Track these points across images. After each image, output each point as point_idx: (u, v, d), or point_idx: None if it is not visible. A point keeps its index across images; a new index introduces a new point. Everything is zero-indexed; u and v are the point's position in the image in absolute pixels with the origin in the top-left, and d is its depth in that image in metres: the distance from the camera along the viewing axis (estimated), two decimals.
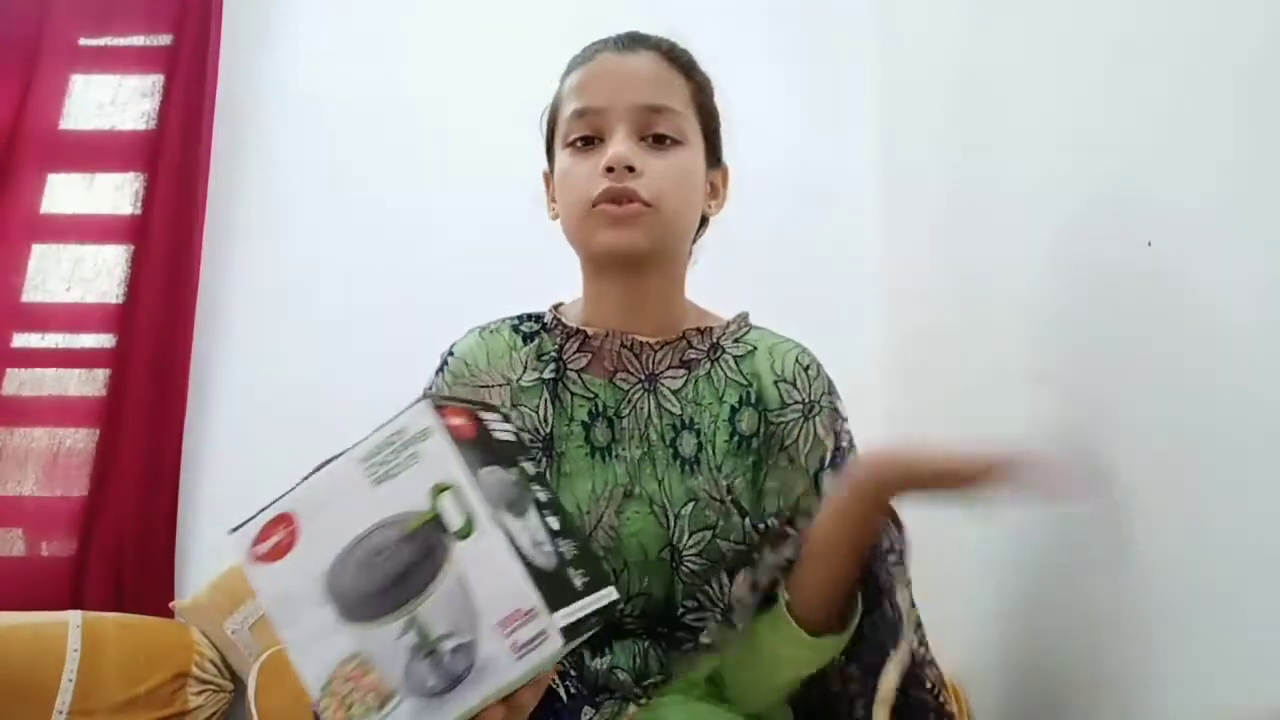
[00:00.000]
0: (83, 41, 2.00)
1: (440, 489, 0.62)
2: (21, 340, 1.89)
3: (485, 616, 0.60)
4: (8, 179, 1.88)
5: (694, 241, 1.02)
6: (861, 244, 1.87)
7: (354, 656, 0.61)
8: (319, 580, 0.62)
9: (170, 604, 1.74)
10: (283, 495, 0.65)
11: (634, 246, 0.91)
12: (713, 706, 0.91)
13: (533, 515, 0.67)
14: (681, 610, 0.91)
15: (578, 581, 0.66)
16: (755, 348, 0.98)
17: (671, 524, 0.91)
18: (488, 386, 0.96)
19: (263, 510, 0.65)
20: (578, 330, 0.97)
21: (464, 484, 0.62)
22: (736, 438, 0.95)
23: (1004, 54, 1.28)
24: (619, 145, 0.90)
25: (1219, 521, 0.76)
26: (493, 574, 0.61)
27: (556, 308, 1.02)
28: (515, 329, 1.00)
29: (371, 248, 1.94)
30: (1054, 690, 1.05)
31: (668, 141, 0.92)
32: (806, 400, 0.96)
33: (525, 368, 0.97)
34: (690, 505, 0.92)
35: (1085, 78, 1.03)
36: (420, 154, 1.98)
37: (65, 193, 1.95)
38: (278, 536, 0.64)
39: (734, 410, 0.95)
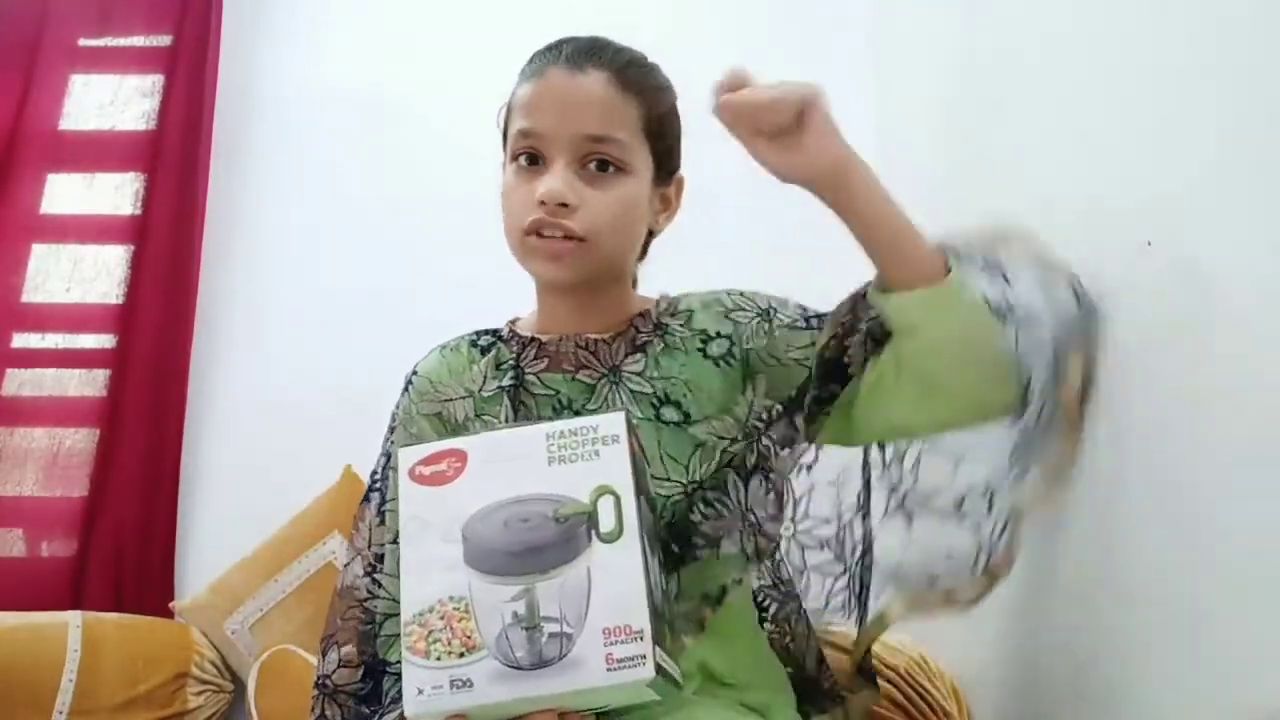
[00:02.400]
0: (83, 41, 2.00)
1: (603, 491, 0.65)
2: (21, 340, 1.89)
3: (595, 619, 0.62)
4: (8, 179, 1.89)
5: (645, 249, 1.04)
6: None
7: (460, 600, 0.63)
8: (460, 520, 0.65)
9: (170, 604, 1.74)
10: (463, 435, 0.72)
11: (563, 280, 0.94)
12: (739, 715, 0.90)
13: (656, 557, 0.70)
14: (699, 518, 0.90)
15: (664, 639, 0.67)
16: (692, 309, 1.00)
17: (666, 469, 0.91)
18: (451, 400, 0.98)
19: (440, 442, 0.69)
20: (532, 339, 1.00)
21: (626, 496, 0.64)
22: (719, 364, 0.96)
23: (1002, 53, 1.28)
24: (555, 179, 0.89)
25: (1219, 522, 0.76)
26: (619, 584, 0.63)
27: (513, 322, 1.05)
28: (473, 344, 1.03)
29: (371, 248, 1.94)
30: (1053, 691, 1.05)
31: (610, 169, 0.92)
32: (755, 309, 0.99)
33: (485, 378, 0.99)
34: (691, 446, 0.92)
35: (1084, 76, 1.03)
36: (420, 154, 1.98)
37: (65, 193, 1.95)
38: (443, 466, 0.67)
39: (701, 353, 0.97)
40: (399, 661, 0.75)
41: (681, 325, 1.00)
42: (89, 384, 1.87)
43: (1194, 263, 0.81)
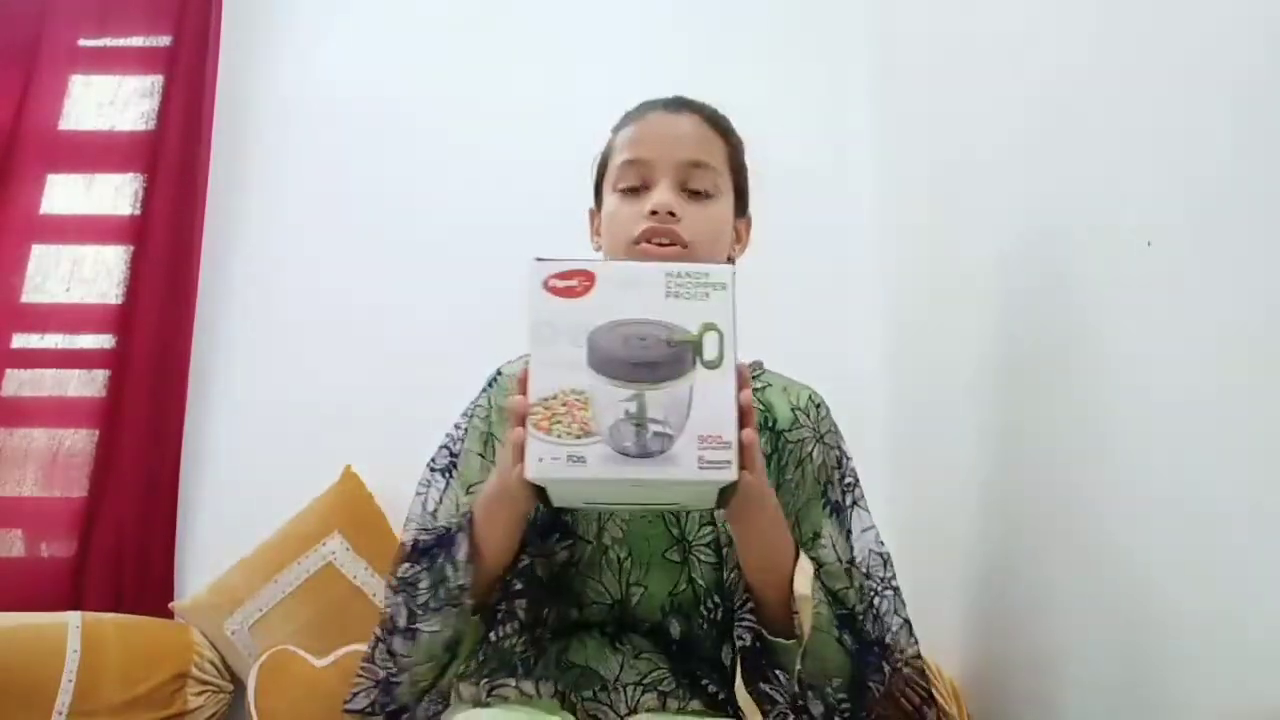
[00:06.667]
0: (82, 42, 2.00)
1: (710, 327, 0.76)
2: (21, 341, 1.89)
3: (694, 426, 0.74)
4: (7, 179, 1.88)
5: None
6: (859, 244, 1.88)
7: (581, 393, 0.75)
8: (586, 328, 0.76)
9: (170, 604, 1.74)
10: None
11: None
12: None
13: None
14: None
15: None
16: (770, 384, 1.08)
17: (683, 522, 1.00)
18: None
19: (572, 260, 0.79)
20: None
21: (728, 332, 0.76)
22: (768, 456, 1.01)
23: (1003, 53, 1.28)
24: (664, 193, 1.01)
25: (1220, 522, 0.76)
26: (715, 402, 0.75)
27: None
28: None
29: (371, 248, 1.93)
30: (1053, 691, 1.05)
31: (704, 195, 1.04)
32: (816, 431, 1.05)
33: None
34: (705, 519, 1.00)
35: (1084, 76, 1.03)
36: (420, 154, 1.98)
37: (65, 193, 1.94)
38: (574, 283, 0.78)
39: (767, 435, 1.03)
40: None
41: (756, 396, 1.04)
42: (89, 384, 1.86)
43: (1194, 263, 0.81)
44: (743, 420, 0.76)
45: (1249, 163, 0.74)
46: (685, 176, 1.04)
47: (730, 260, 1.11)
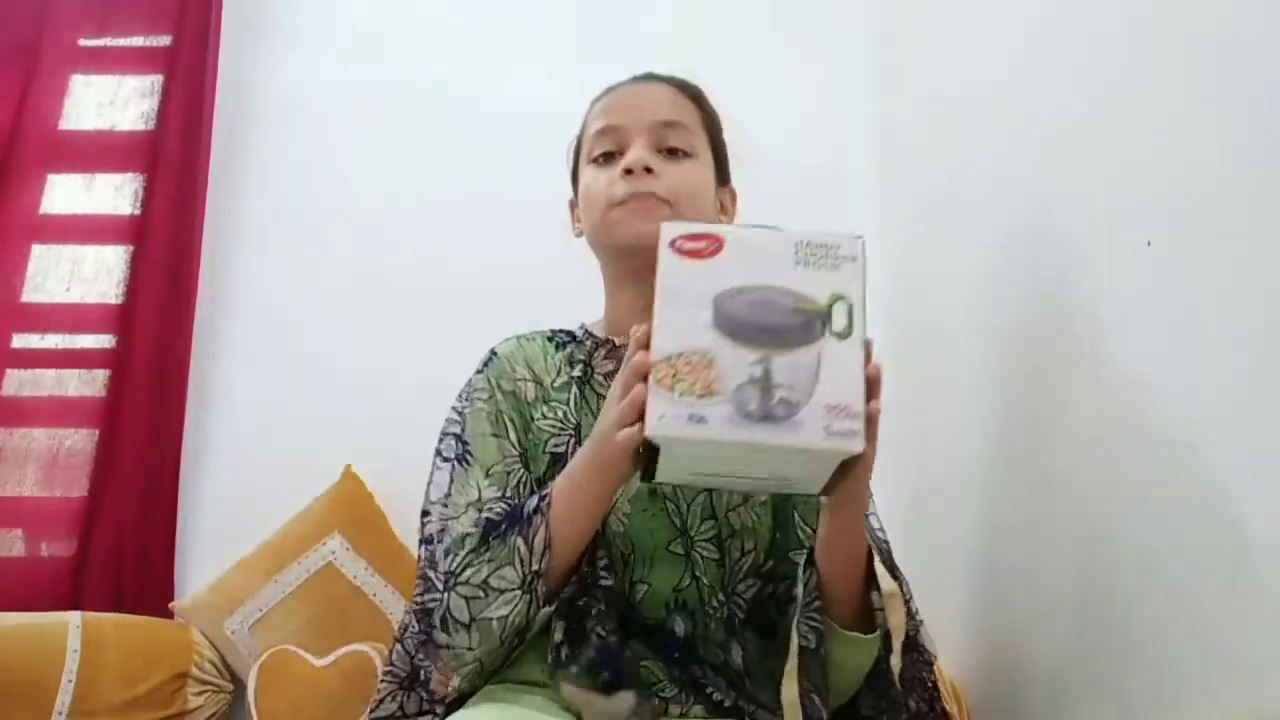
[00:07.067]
0: (82, 42, 2.00)
1: (837, 298, 0.74)
2: (21, 340, 1.89)
3: (821, 394, 0.72)
4: (7, 179, 1.88)
5: None
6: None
7: (707, 353, 0.73)
8: (713, 291, 0.74)
9: (170, 604, 1.74)
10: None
11: (654, 235, 0.92)
12: None
13: None
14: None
15: None
16: None
17: (685, 515, 0.96)
18: (524, 380, 1.04)
19: (702, 225, 0.78)
20: (606, 339, 1.06)
21: (858, 304, 0.75)
22: None
23: (1003, 52, 1.28)
24: (637, 150, 1.00)
25: (1222, 522, 0.76)
26: (844, 371, 0.73)
27: (584, 326, 1.11)
28: (549, 339, 1.09)
29: (371, 247, 1.94)
30: (1053, 691, 1.05)
31: (680, 153, 1.02)
32: None
33: (558, 372, 1.05)
34: (707, 513, 0.97)
35: (1084, 77, 1.03)
36: (420, 154, 1.98)
37: (65, 193, 1.95)
38: (703, 245, 0.76)
39: None
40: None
41: None
42: (89, 384, 1.86)
43: (1194, 263, 0.81)
44: (870, 392, 0.73)
45: (1249, 163, 0.74)
46: (659, 137, 1.03)
47: None
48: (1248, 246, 0.74)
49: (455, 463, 0.99)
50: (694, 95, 1.09)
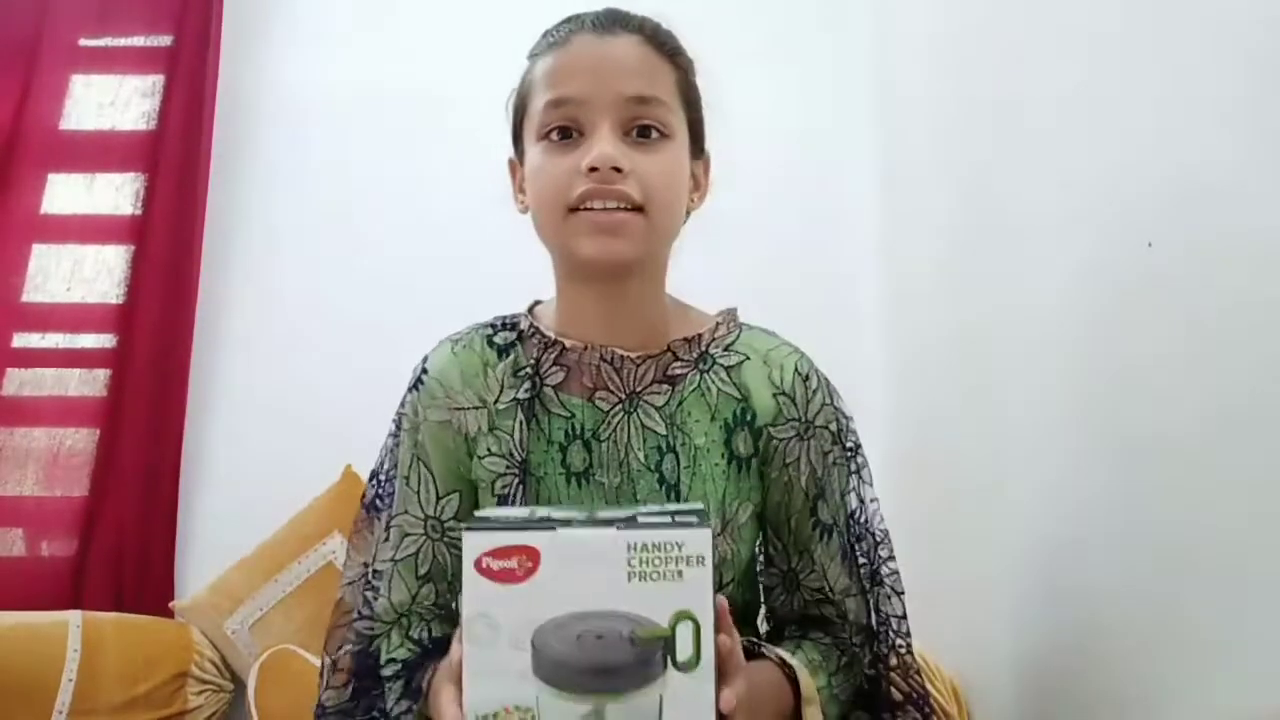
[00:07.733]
0: (83, 41, 2.00)
1: (683, 616, 0.62)
2: (21, 340, 1.89)
3: None
4: (8, 179, 1.88)
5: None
6: (860, 249, 1.87)
7: (527, 710, 0.62)
8: (531, 627, 0.62)
9: (170, 604, 1.74)
10: (537, 525, 0.65)
11: (622, 257, 0.83)
12: None
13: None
14: None
15: None
16: (748, 356, 0.91)
17: None
18: (464, 409, 0.92)
19: (510, 528, 0.64)
20: (555, 341, 0.90)
21: (706, 625, 0.62)
22: (735, 462, 0.89)
23: (1003, 52, 1.28)
24: (605, 144, 0.81)
25: (1223, 520, 0.76)
26: (689, 715, 0.62)
27: (532, 309, 0.96)
28: (489, 341, 0.94)
29: (371, 248, 1.94)
30: (1054, 691, 1.05)
31: (654, 135, 0.84)
32: (803, 419, 0.90)
33: (502, 387, 0.91)
34: None
35: (1086, 78, 1.03)
36: (421, 154, 1.98)
37: (65, 193, 1.94)
38: (514, 563, 0.63)
39: (728, 431, 0.89)
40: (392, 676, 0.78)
41: (725, 371, 0.90)
42: (89, 384, 1.87)
43: (1194, 263, 0.81)
44: (721, 671, 0.63)
45: (1249, 163, 0.74)
46: (629, 116, 0.83)
47: (687, 214, 0.91)
48: (1249, 246, 0.74)
49: (373, 511, 0.97)
50: (670, 51, 0.89)
